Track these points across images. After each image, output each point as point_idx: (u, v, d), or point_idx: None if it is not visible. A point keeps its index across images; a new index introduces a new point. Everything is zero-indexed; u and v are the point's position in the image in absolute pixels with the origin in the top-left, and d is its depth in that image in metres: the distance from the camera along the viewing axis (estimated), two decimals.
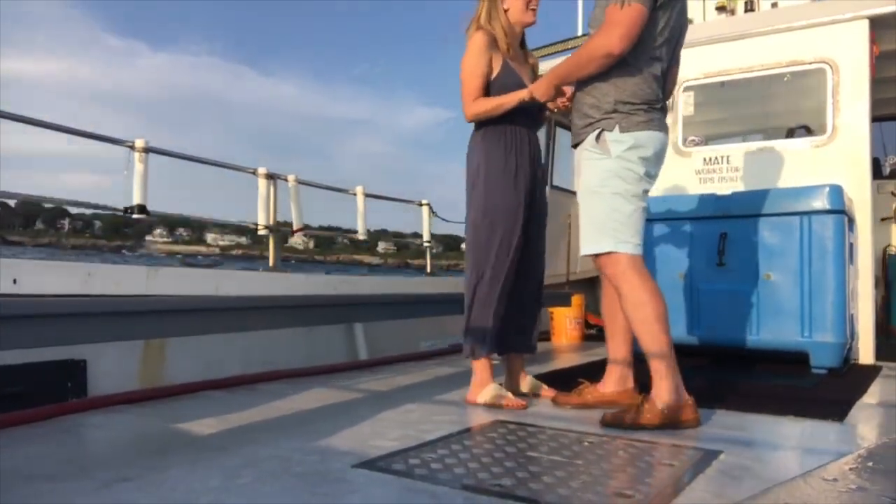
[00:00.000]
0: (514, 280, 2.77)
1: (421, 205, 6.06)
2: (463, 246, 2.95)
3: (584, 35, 5.36)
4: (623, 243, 2.39)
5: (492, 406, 2.61)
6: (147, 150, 3.68)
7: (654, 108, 2.44)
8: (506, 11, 2.82)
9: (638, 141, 2.39)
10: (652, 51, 2.41)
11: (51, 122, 3.35)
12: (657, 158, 2.48)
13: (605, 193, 2.41)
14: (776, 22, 4.49)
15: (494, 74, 2.77)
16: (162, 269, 3.35)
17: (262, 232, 4.41)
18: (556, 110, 2.85)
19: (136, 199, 3.62)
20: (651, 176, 2.48)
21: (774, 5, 5.03)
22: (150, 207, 3.70)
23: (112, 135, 3.53)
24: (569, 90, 2.66)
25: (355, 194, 5.37)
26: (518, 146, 2.79)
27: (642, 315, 2.34)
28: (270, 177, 4.49)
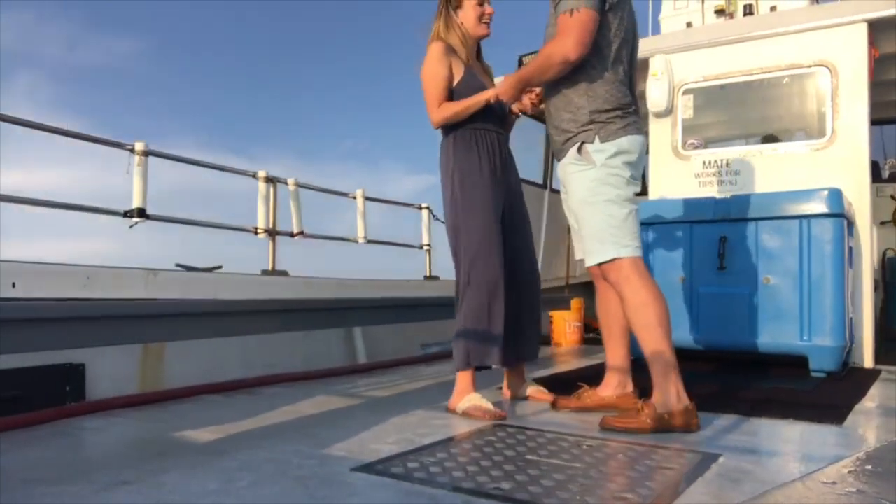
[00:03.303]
0: (506, 288, 2.72)
1: (421, 208, 6.06)
2: None
3: None
4: (624, 248, 2.41)
5: (470, 416, 2.55)
6: (147, 153, 3.68)
7: (629, 112, 2.48)
8: (460, 25, 2.87)
9: (620, 147, 2.42)
10: (612, 54, 2.46)
11: (50, 126, 3.35)
12: (640, 161, 2.52)
13: (597, 202, 2.44)
14: (775, 25, 4.49)
15: (457, 80, 2.80)
16: (161, 273, 3.35)
17: (261, 235, 4.41)
18: (519, 113, 2.92)
19: (136, 203, 3.62)
20: (636, 178, 2.52)
21: (773, 9, 5.04)
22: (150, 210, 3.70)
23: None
24: (535, 91, 2.73)
25: (355, 198, 5.37)
26: (489, 149, 2.80)
27: (644, 319, 2.35)
28: (270, 180, 4.49)
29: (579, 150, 2.45)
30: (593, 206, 2.45)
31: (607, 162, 2.42)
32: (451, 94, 2.81)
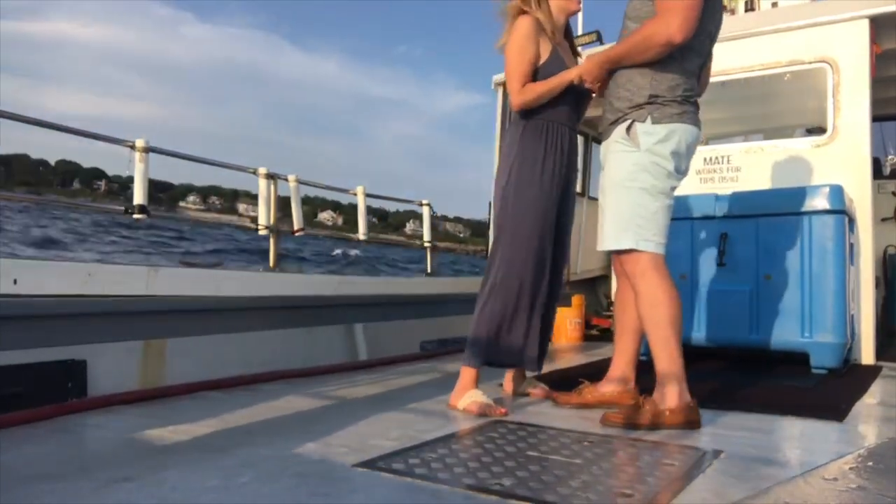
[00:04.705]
0: (533, 290, 2.65)
1: (422, 205, 6.07)
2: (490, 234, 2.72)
3: (585, 34, 5.35)
4: (645, 241, 2.34)
5: (471, 412, 2.52)
6: (147, 149, 3.68)
7: (689, 101, 2.39)
8: None
9: (671, 133, 2.33)
10: (695, 45, 2.35)
11: (51, 122, 3.35)
12: (688, 153, 2.42)
13: (631, 188, 2.35)
14: (776, 21, 4.48)
15: (542, 61, 2.62)
16: (162, 269, 3.35)
17: (262, 232, 4.41)
18: (595, 95, 2.71)
19: (137, 200, 3.63)
20: (680, 172, 2.42)
21: (775, 5, 5.03)
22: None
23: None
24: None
25: (356, 194, 5.37)
26: (558, 145, 2.65)
27: (656, 317, 2.32)
28: (271, 177, 4.49)
29: (628, 129, 2.35)
30: (627, 192, 2.36)
31: (653, 147, 2.32)
32: (534, 77, 2.62)
